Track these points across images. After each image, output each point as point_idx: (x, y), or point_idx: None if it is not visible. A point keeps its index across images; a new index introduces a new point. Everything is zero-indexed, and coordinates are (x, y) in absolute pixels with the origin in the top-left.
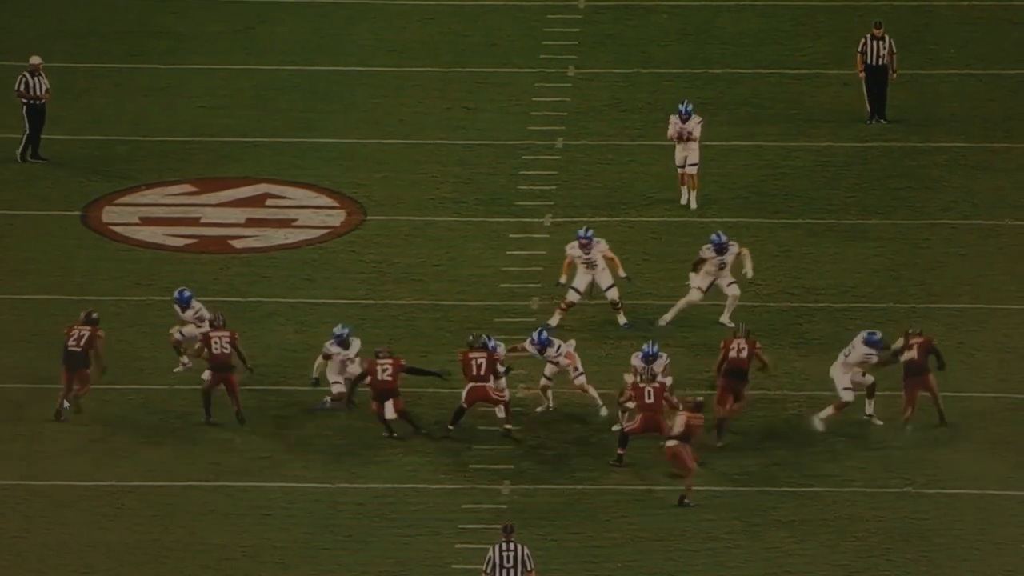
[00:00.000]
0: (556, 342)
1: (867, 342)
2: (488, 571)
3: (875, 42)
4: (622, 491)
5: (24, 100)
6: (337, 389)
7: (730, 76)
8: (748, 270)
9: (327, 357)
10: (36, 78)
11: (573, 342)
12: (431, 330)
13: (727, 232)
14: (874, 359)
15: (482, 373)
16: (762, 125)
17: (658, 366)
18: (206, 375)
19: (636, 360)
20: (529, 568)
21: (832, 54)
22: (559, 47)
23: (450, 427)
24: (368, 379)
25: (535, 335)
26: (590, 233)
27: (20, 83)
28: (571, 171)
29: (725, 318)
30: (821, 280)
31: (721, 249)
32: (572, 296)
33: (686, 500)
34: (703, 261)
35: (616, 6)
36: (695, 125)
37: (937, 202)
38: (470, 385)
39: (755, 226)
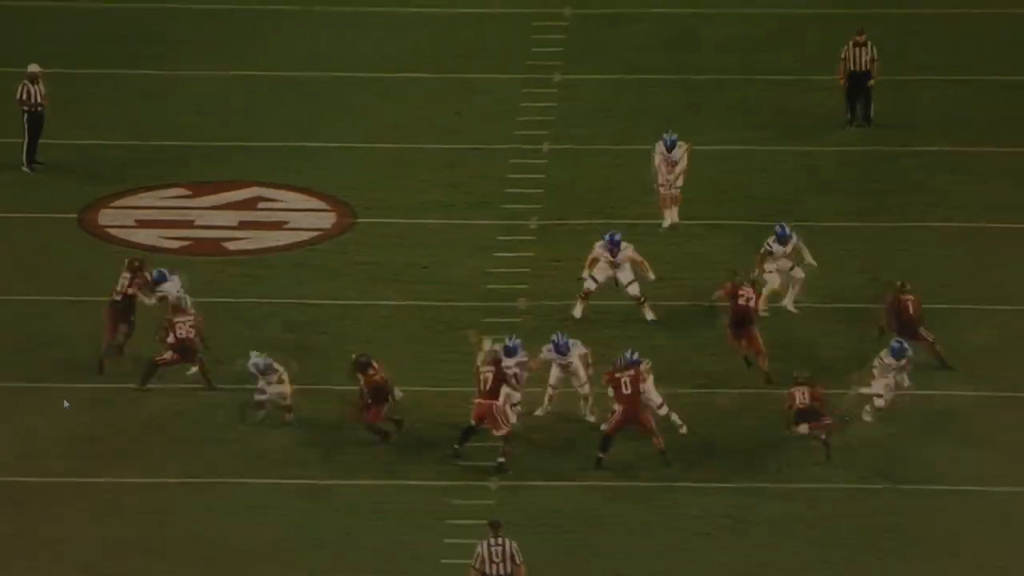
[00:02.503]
0: (577, 342)
1: (893, 353)
2: (477, 566)
3: (857, 48)
4: (609, 487)
5: (25, 108)
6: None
7: (714, 82)
8: (810, 259)
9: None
10: (35, 85)
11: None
12: (420, 330)
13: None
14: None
15: (488, 388)
16: (746, 130)
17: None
18: (168, 355)
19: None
20: (518, 562)
21: (816, 60)
22: (545, 54)
23: (456, 447)
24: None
25: (557, 339)
26: (617, 237)
27: (21, 91)
28: (557, 175)
29: (789, 302)
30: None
31: (785, 240)
32: (589, 284)
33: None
34: (768, 255)
35: (601, 14)
36: (681, 154)
37: (917, 205)
38: (476, 401)
39: (738, 228)
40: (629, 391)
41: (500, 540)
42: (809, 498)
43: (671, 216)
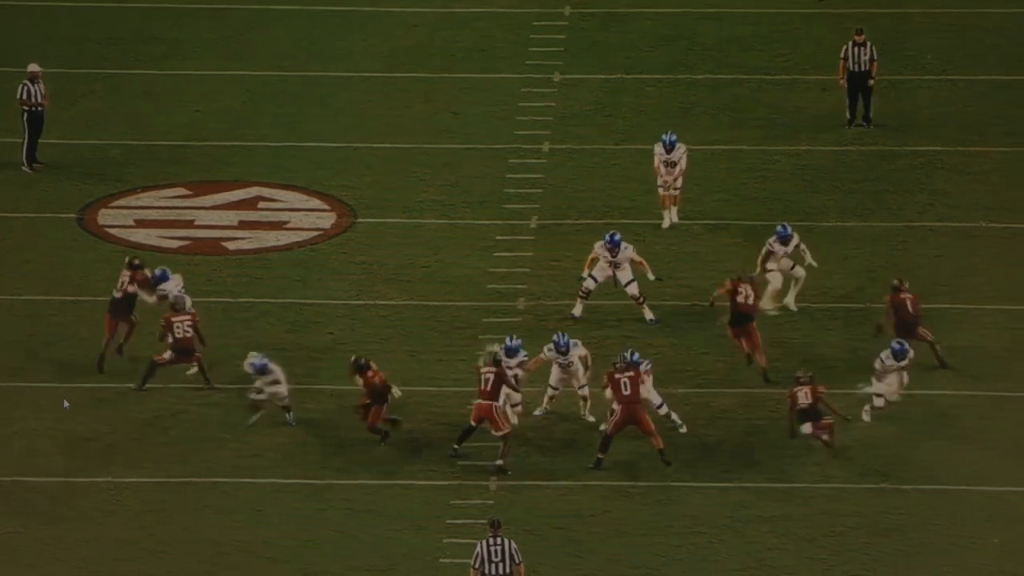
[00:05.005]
0: (577, 342)
1: (893, 354)
2: (476, 565)
3: (857, 48)
4: (606, 486)
5: (25, 108)
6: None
7: (712, 81)
8: (811, 260)
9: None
10: (36, 85)
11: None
12: (420, 330)
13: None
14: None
15: (488, 389)
16: (743, 129)
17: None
18: (167, 354)
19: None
20: (517, 561)
21: (810, 59)
22: (545, 53)
23: (455, 447)
24: (366, 389)
25: (558, 339)
26: (617, 237)
27: (22, 91)
28: (557, 174)
29: (790, 299)
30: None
31: (787, 240)
32: (588, 283)
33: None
34: (770, 255)
35: (601, 13)
36: (680, 155)
37: (914, 205)
38: (476, 402)
39: (735, 228)
40: (628, 392)
41: (499, 540)
42: (804, 497)
43: (671, 216)
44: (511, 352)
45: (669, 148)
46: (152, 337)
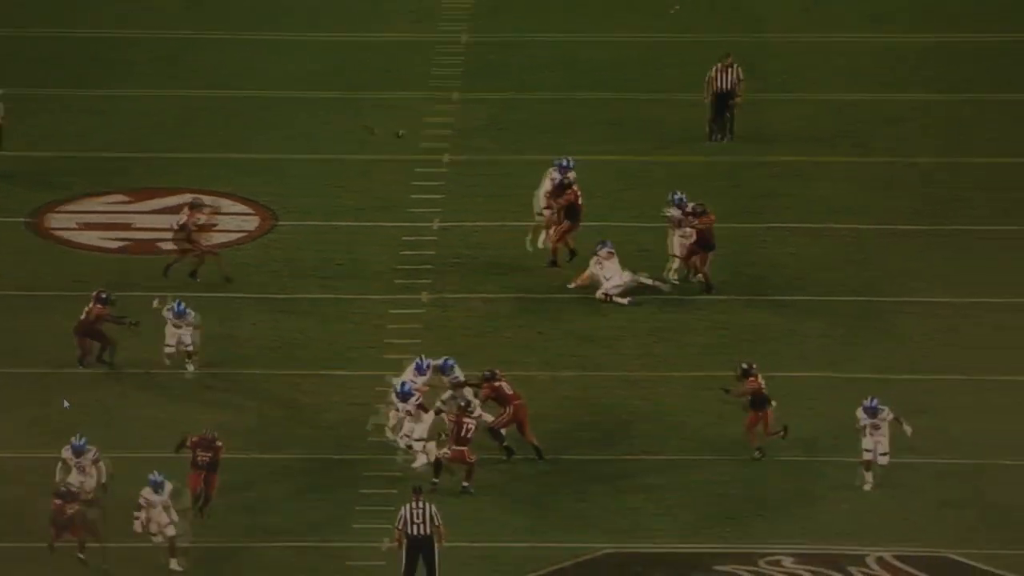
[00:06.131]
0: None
1: (865, 410)
2: (400, 527)
3: (725, 70)
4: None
5: None
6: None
7: (594, 100)
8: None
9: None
10: None
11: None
12: (336, 321)
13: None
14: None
15: (468, 436)
16: (623, 142)
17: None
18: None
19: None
20: (437, 523)
21: (679, 80)
22: (446, 75)
23: (434, 480)
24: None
25: (419, 361)
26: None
27: None
28: (456, 182)
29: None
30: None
31: (681, 205)
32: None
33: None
34: (668, 219)
35: (495, 41)
36: (573, 177)
37: (772, 208)
38: (454, 448)
39: (617, 228)
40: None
41: (421, 503)
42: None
43: (539, 239)
44: (421, 370)
45: (566, 170)
46: (147, 338)
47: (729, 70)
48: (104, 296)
